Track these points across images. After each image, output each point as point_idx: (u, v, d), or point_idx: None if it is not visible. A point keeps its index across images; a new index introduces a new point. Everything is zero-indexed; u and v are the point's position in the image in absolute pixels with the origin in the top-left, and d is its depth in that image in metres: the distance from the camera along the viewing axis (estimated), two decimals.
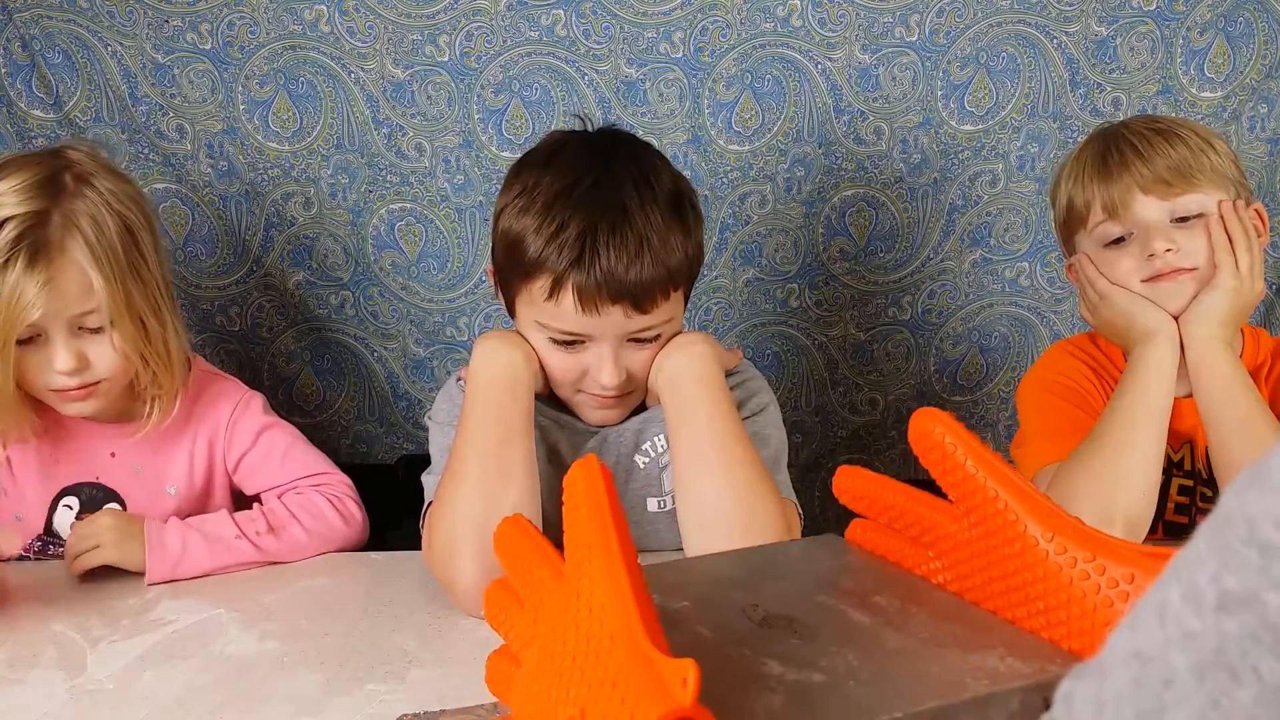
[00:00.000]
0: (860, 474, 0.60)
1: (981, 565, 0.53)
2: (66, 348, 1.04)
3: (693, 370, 1.00)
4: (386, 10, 1.48)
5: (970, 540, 0.53)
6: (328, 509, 1.15)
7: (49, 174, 1.06)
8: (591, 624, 0.43)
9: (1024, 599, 0.50)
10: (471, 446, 0.96)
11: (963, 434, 0.53)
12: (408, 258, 1.56)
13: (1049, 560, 0.49)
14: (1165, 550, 0.48)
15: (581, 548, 0.45)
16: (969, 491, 0.53)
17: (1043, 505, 0.51)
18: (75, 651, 0.91)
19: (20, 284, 1.00)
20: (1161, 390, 1.08)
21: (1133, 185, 1.11)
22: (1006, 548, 0.51)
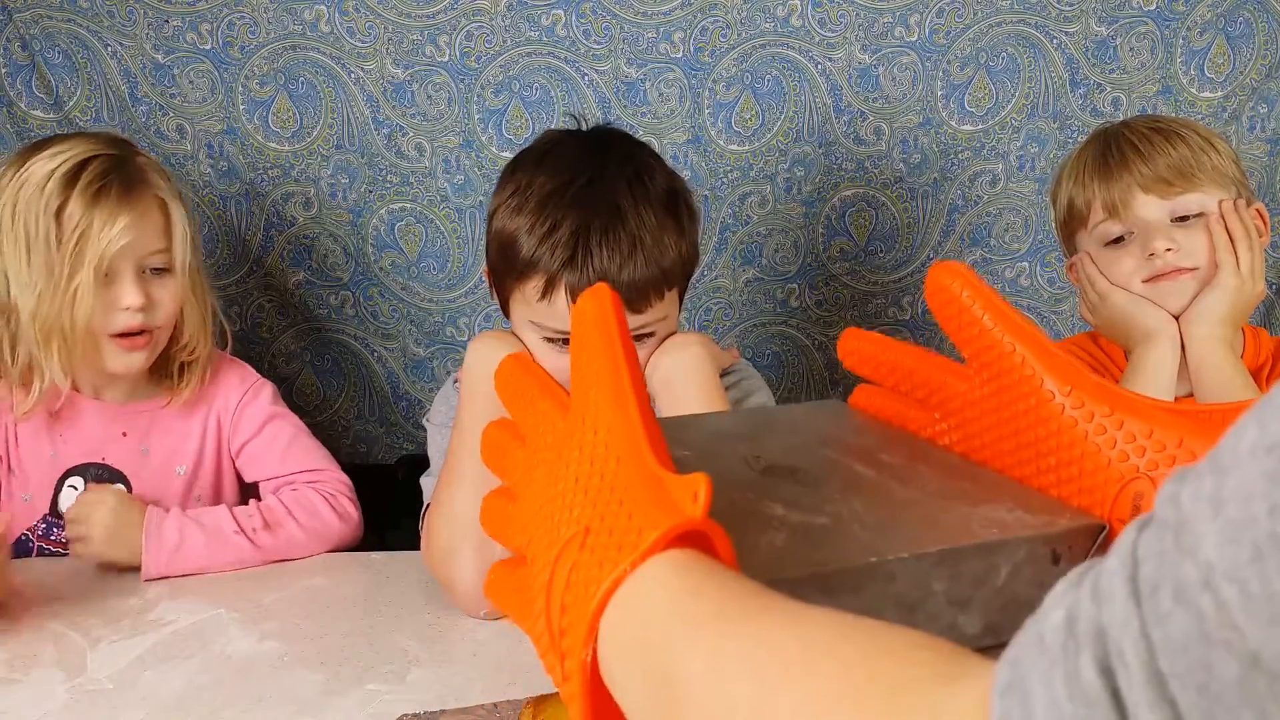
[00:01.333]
0: (866, 335, 0.58)
1: (992, 424, 0.51)
2: (135, 285, 1.09)
3: (687, 370, 1.00)
4: (386, 10, 1.48)
5: (981, 399, 0.51)
6: (323, 507, 1.16)
7: (105, 135, 1.15)
8: (596, 446, 0.41)
9: (1035, 455, 0.49)
10: (466, 447, 0.96)
11: (981, 288, 0.51)
12: (408, 258, 1.56)
13: (1065, 415, 0.48)
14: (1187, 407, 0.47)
15: (589, 373, 0.43)
16: (984, 346, 0.51)
17: (1060, 360, 0.49)
18: (75, 651, 0.91)
19: (116, 213, 1.06)
20: (1161, 390, 1.08)
21: (1133, 185, 1.11)
22: (1020, 403, 0.49)
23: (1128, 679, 0.25)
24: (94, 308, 1.07)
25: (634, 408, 0.41)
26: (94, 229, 1.05)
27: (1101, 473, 0.46)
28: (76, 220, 1.05)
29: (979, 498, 0.48)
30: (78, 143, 1.11)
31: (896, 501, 0.47)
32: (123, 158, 1.11)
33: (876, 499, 0.47)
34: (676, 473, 0.39)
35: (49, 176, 1.06)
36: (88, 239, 1.05)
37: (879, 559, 0.41)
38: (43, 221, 1.05)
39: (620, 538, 0.38)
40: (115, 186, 1.07)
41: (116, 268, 1.08)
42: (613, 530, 0.38)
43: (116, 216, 1.06)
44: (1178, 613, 0.24)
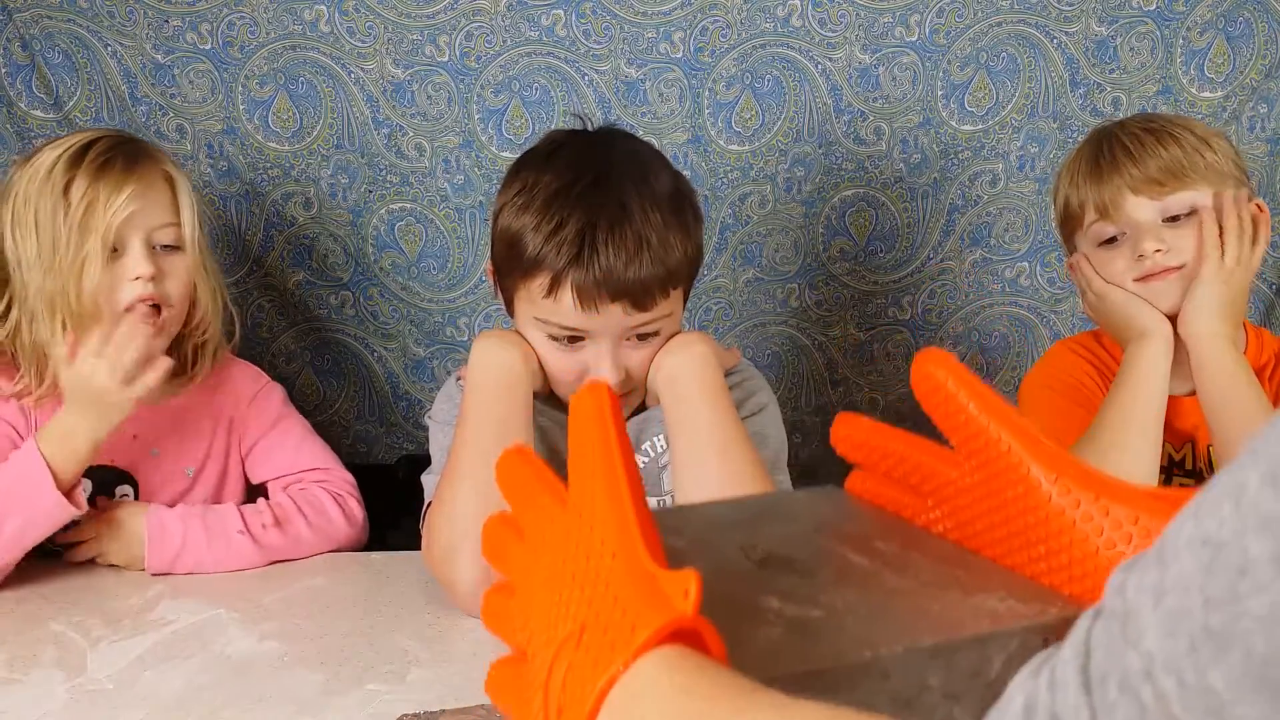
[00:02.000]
0: (859, 421, 0.58)
1: (982, 511, 0.51)
2: (145, 256, 1.10)
3: (692, 370, 1.00)
4: (386, 10, 1.48)
5: (971, 486, 0.52)
6: (331, 506, 1.16)
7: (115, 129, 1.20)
8: (593, 543, 0.42)
9: (1025, 544, 0.49)
10: (470, 446, 0.96)
11: (966, 376, 0.52)
12: (408, 258, 1.56)
13: (1052, 503, 0.48)
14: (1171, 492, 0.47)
15: (586, 469, 0.44)
16: (971, 435, 0.51)
17: (1046, 448, 0.50)
18: (75, 651, 0.91)
19: (121, 183, 1.08)
20: (1155, 388, 1.08)
21: (1123, 186, 1.11)
22: (1009, 491, 0.50)
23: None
24: (102, 281, 1.07)
25: (629, 504, 0.42)
26: (100, 199, 1.07)
27: (1090, 560, 0.47)
28: (83, 192, 1.07)
29: (972, 586, 0.48)
30: (86, 133, 1.14)
31: (890, 591, 0.48)
32: (128, 138, 1.16)
33: (870, 589, 0.48)
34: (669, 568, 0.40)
35: (56, 161, 1.09)
36: (94, 210, 1.07)
37: (873, 654, 0.42)
38: (49, 201, 1.07)
39: (614, 635, 0.39)
40: (120, 160, 1.10)
41: (125, 240, 1.09)
42: (607, 628, 0.39)
43: (122, 186, 1.08)
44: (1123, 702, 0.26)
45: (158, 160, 1.14)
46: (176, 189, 1.14)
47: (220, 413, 1.22)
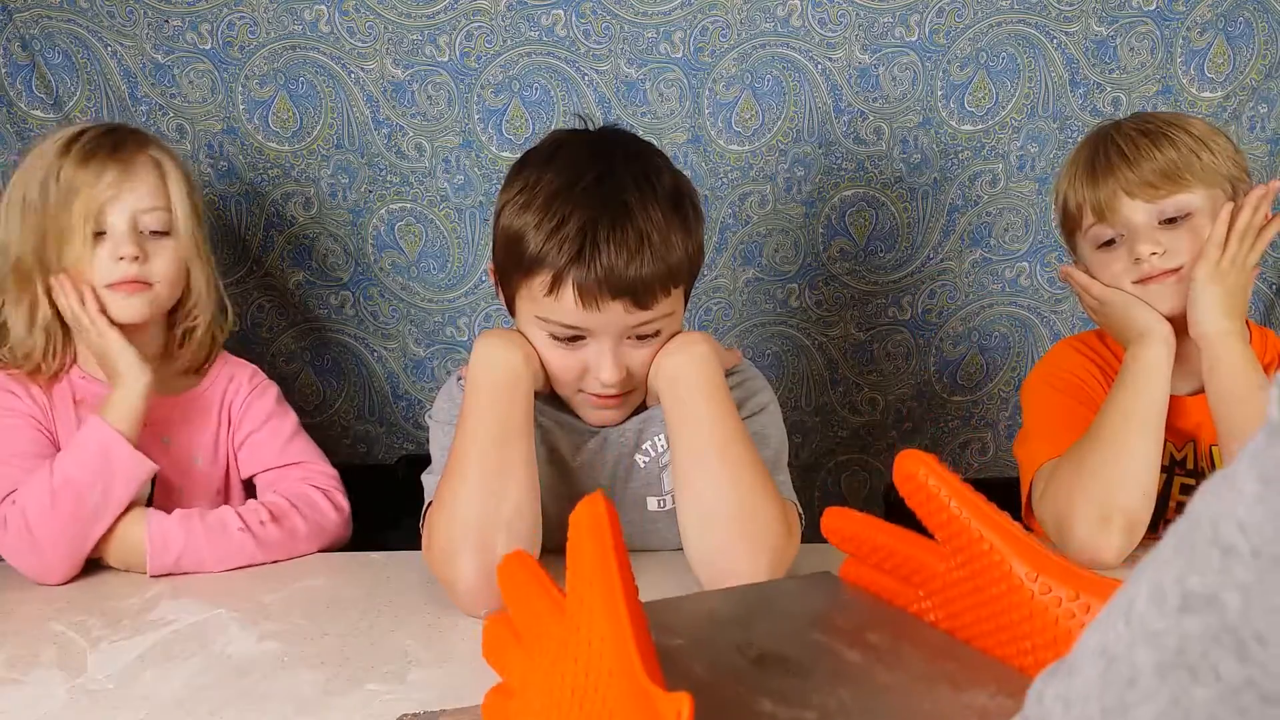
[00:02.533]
0: (848, 515, 0.60)
1: (971, 605, 0.53)
2: (130, 237, 1.13)
3: (693, 370, 1.00)
4: (386, 10, 1.48)
5: (958, 580, 0.54)
6: (320, 499, 1.19)
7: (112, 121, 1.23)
8: (591, 658, 0.43)
9: (1013, 637, 0.51)
10: (471, 446, 0.96)
11: (946, 476, 0.54)
12: (408, 258, 1.56)
13: (1035, 600, 0.50)
14: None
15: (584, 583, 0.46)
16: (954, 532, 0.53)
17: (1026, 544, 0.52)
18: (75, 651, 0.91)
19: (104, 168, 1.12)
20: (1156, 389, 1.08)
21: (1118, 190, 1.11)
22: (994, 587, 0.52)
23: None
24: (84, 258, 1.12)
25: (626, 619, 0.43)
26: (83, 182, 1.11)
27: None
28: (69, 179, 1.11)
29: (962, 681, 0.49)
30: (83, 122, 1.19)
31: (882, 688, 0.49)
32: (119, 126, 1.18)
33: (863, 686, 0.49)
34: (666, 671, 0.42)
35: (47, 149, 1.13)
36: (76, 193, 1.11)
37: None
38: (35, 188, 1.12)
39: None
40: (106, 147, 1.13)
41: (111, 222, 1.13)
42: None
43: (104, 171, 1.12)
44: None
45: (144, 145, 1.16)
46: (165, 174, 1.16)
47: (222, 407, 1.25)
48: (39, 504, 1.04)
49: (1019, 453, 1.19)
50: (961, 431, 1.68)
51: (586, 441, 1.08)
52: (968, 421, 1.67)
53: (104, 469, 1.07)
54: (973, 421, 1.67)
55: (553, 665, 0.45)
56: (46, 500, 1.04)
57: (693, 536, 0.96)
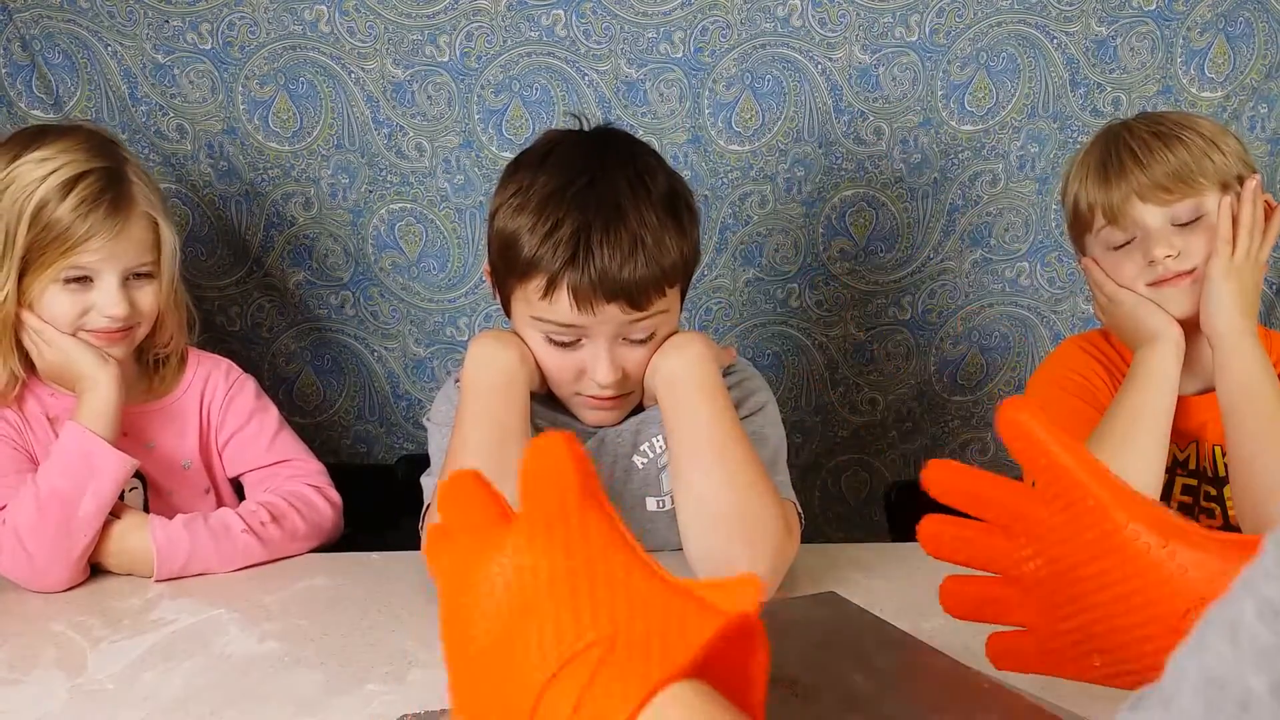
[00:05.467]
0: (950, 466, 0.60)
1: (1069, 550, 0.55)
2: (120, 293, 1.11)
3: (689, 371, 1.00)
4: (386, 10, 1.48)
5: (1058, 525, 0.55)
6: (314, 496, 1.19)
7: (97, 137, 1.14)
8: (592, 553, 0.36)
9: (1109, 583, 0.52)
10: (467, 447, 0.96)
11: (1046, 422, 0.56)
12: (408, 258, 1.56)
13: (1128, 545, 0.52)
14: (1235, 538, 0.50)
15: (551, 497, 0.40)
16: (1054, 477, 0.55)
17: (1121, 490, 0.53)
18: (75, 651, 0.91)
19: (101, 226, 1.08)
20: (1165, 391, 1.08)
21: (1131, 193, 1.11)
22: (1089, 532, 0.53)
23: None
24: (69, 306, 1.09)
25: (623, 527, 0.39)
26: (77, 234, 1.07)
27: (1165, 602, 0.50)
28: (59, 228, 1.07)
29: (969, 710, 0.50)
30: (70, 147, 1.10)
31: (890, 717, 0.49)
32: (116, 173, 1.12)
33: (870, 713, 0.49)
34: None
35: (41, 181, 1.07)
36: (67, 241, 1.07)
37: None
38: (22, 223, 1.07)
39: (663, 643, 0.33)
40: (106, 204, 1.09)
41: (100, 272, 1.10)
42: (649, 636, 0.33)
43: (102, 228, 1.08)
44: None
45: (141, 203, 1.13)
46: (160, 231, 1.15)
47: (201, 406, 1.24)
48: (27, 518, 1.04)
49: None
50: (962, 431, 1.68)
51: (584, 443, 1.08)
52: (968, 421, 1.67)
53: (87, 472, 1.06)
54: (973, 421, 1.67)
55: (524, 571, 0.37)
56: (34, 513, 1.04)
57: (692, 537, 0.96)
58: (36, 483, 1.05)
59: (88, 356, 1.10)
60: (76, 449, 1.07)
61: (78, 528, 1.04)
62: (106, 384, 1.09)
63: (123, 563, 1.08)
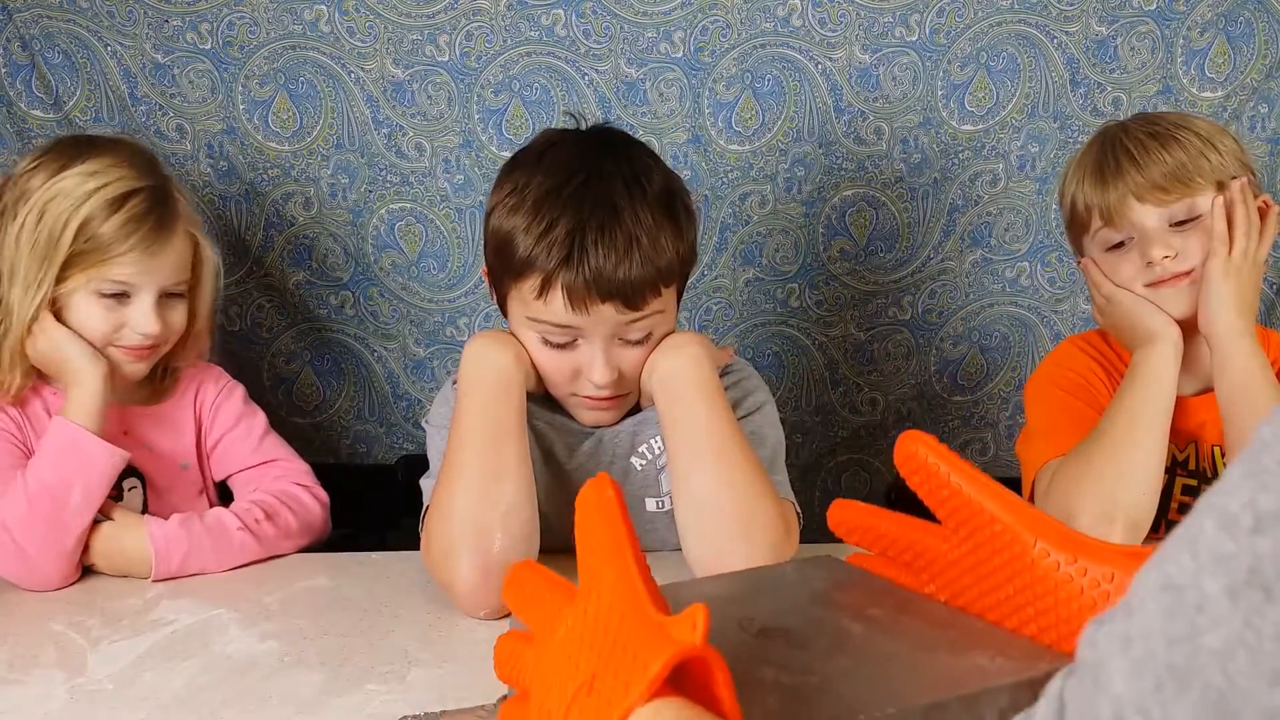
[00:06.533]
0: (853, 506, 0.61)
1: (973, 580, 0.54)
2: (155, 311, 1.12)
3: (686, 371, 1.00)
4: (386, 10, 1.48)
5: (961, 558, 0.55)
6: (305, 495, 1.20)
7: (142, 154, 1.15)
8: (601, 608, 0.44)
9: (1015, 607, 0.52)
10: (465, 447, 0.96)
11: (945, 452, 0.55)
12: (408, 258, 1.56)
13: (1036, 565, 0.51)
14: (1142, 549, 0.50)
15: (594, 551, 0.46)
16: (956, 507, 0.54)
17: (1026, 511, 0.53)
18: (75, 651, 0.91)
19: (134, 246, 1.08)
20: (1163, 392, 1.08)
21: (1128, 194, 1.11)
22: (996, 558, 0.53)
23: None
24: (103, 320, 1.10)
25: (635, 571, 0.44)
26: (119, 251, 1.08)
27: (1076, 618, 0.50)
28: (101, 242, 1.08)
29: (962, 646, 0.50)
30: (118, 163, 1.10)
31: (883, 656, 0.50)
32: (163, 192, 1.13)
33: (864, 655, 0.50)
34: None
35: (89, 196, 1.07)
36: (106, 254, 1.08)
37: (867, 716, 0.43)
38: (65, 234, 1.07)
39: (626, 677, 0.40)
40: (151, 224, 1.10)
41: (138, 290, 1.11)
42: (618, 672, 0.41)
43: (146, 245, 1.09)
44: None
45: (181, 225, 1.14)
46: (200, 251, 1.17)
47: (195, 410, 1.25)
48: (18, 514, 1.04)
49: (1022, 451, 1.19)
50: (962, 431, 1.68)
51: (581, 443, 1.08)
52: (968, 421, 1.67)
53: (76, 467, 1.06)
54: (973, 421, 1.67)
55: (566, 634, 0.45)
56: (24, 509, 1.04)
57: (691, 537, 0.96)
58: (26, 479, 1.06)
59: (77, 349, 1.10)
60: (64, 443, 1.07)
61: (68, 521, 1.04)
62: (93, 378, 1.09)
63: (117, 564, 1.07)
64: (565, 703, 0.42)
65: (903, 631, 0.52)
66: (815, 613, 0.55)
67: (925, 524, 0.57)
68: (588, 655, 0.43)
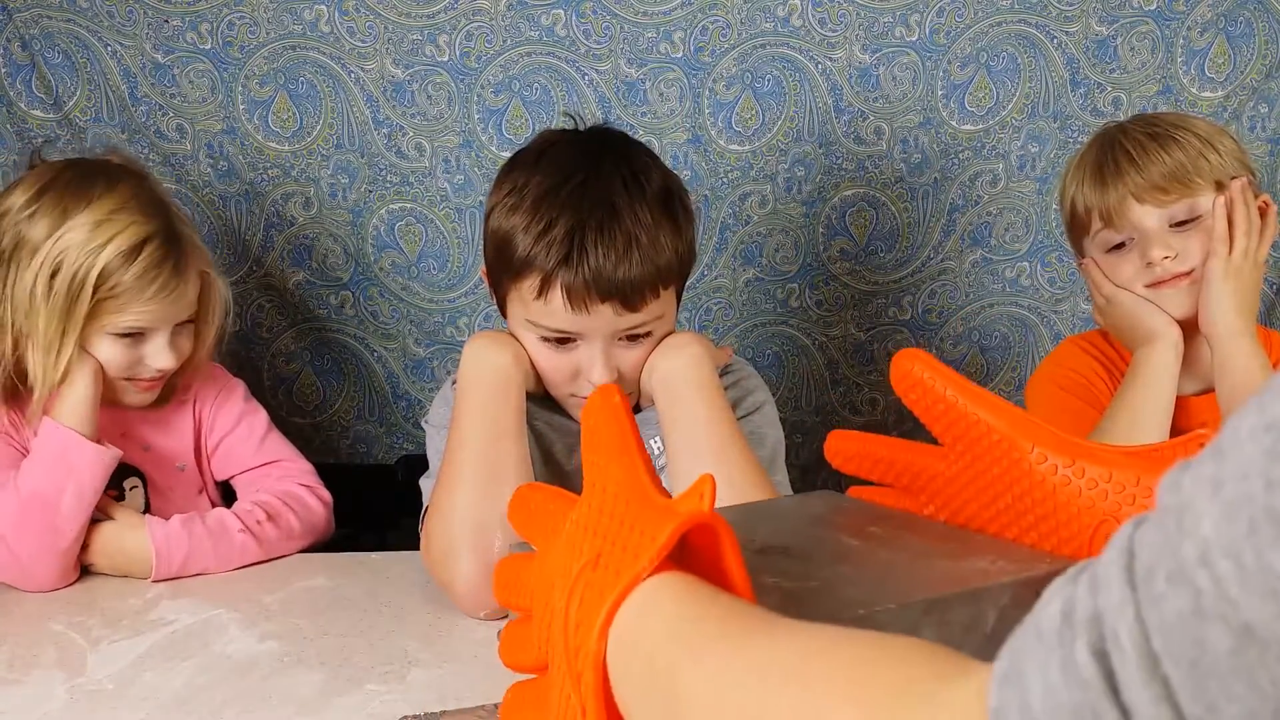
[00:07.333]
0: (851, 435, 0.61)
1: (972, 495, 0.54)
2: (170, 347, 1.12)
3: (686, 371, 1.00)
4: (386, 10, 1.48)
5: (958, 474, 0.55)
6: (306, 495, 1.19)
7: (145, 190, 1.13)
8: (605, 498, 0.43)
9: (1015, 516, 0.52)
10: (464, 448, 0.96)
11: (940, 367, 0.56)
12: (408, 258, 1.56)
13: (1034, 471, 0.51)
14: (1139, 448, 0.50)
15: (599, 451, 0.46)
16: (952, 421, 0.54)
17: (1022, 419, 0.53)
18: (75, 651, 0.91)
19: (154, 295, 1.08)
20: (1164, 392, 1.08)
21: (1127, 195, 1.11)
22: (994, 469, 0.53)
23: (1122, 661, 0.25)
24: (119, 356, 1.10)
25: (640, 464, 0.44)
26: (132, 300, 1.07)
27: (1075, 521, 0.49)
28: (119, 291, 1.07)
29: (962, 554, 0.50)
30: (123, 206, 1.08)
31: (883, 563, 0.50)
32: (173, 234, 1.11)
33: (864, 563, 0.50)
34: None
35: (100, 249, 1.05)
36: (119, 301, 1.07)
37: (866, 612, 0.43)
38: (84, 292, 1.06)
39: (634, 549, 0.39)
40: (168, 271, 1.09)
41: (154, 329, 1.11)
42: (625, 546, 0.40)
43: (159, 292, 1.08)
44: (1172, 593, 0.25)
45: (191, 265, 1.13)
46: (210, 285, 1.17)
47: (193, 410, 1.25)
48: (10, 520, 1.04)
49: None
50: None
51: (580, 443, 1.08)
52: None
53: (66, 468, 1.06)
54: None
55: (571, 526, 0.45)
56: (17, 515, 1.04)
57: None
58: (18, 483, 1.05)
59: None
60: (55, 447, 1.07)
61: (62, 524, 1.04)
62: (83, 379, 1.08)
63: (118, 564, 1.07)
64: (569, 582, 0.41)
65: (903, 544, 0.52)
66: (814, 533, 0.55)
67: (923, 445, 0.58)
68: (592, 540, 0.42)
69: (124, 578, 1.07)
